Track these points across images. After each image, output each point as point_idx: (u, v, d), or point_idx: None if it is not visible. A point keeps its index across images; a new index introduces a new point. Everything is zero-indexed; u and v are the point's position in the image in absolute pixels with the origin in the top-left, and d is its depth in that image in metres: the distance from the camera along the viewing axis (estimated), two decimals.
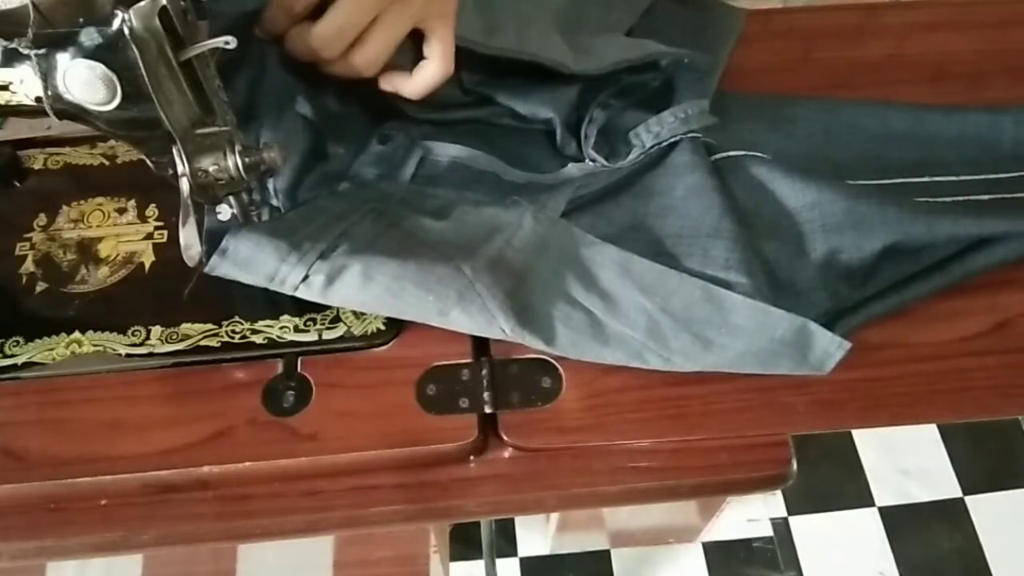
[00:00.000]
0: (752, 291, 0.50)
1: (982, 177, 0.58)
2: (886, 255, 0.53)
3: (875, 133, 0.61)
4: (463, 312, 0.48)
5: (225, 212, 0.50)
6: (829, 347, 0.49)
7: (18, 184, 0.59)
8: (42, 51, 0.40)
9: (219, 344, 0.51)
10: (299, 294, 0.49)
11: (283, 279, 0.48)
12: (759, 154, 0.57)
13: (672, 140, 0.57)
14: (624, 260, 0.52)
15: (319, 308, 0.52)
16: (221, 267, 0.49)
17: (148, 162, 0.47)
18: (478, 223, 0.53)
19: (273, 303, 0.52)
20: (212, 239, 0.51)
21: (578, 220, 0.55)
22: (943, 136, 0.61)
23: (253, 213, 0.51)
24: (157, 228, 0.56)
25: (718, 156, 0.58)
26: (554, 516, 1.02)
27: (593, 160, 0.58)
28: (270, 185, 0.54)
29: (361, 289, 0.48)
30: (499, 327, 0.48)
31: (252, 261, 0.48)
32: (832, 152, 0.61)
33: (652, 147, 0.57)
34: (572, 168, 0.58)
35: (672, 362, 0.49)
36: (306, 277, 0.48)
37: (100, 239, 0.56)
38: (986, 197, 0.58)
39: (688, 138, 0.57)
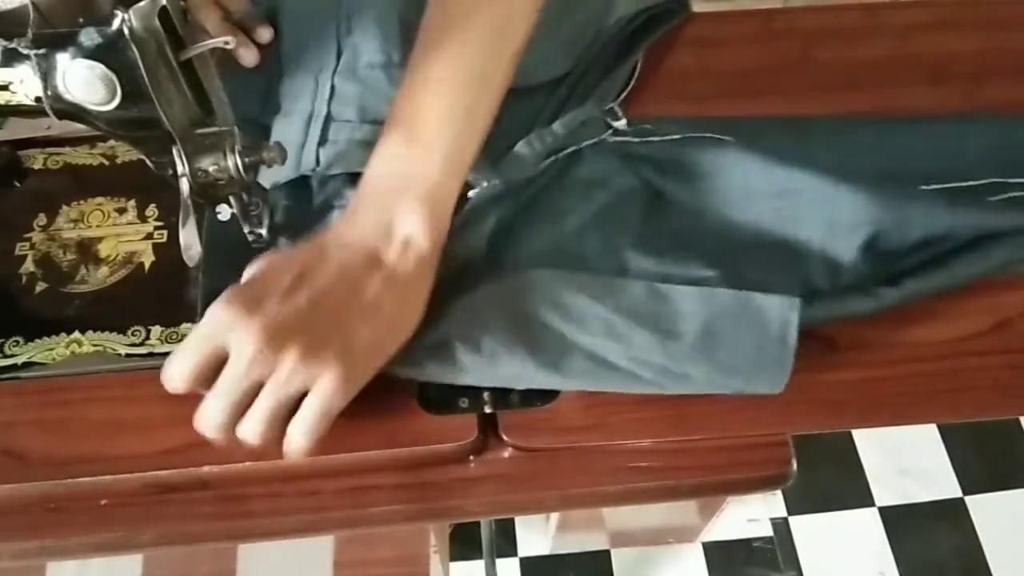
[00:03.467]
0: (699, 279, 0.50)
1: (951, 186, 0.58)
2: (861, 250, 0.52)
3: (843, 146, 0.60)
4: (437, 363, 0.48)
5: (225, 212, 0.51)
6: (782, 310, 0.47)
7: (18, 184, 0.59)
8: (42, 51, 0.40)
9: None
10: None
11: None
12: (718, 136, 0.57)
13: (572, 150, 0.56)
14: (566, 277, 0.50)
15: None
16: None
17: (148, 162, 0.47)
18: None
19: None
20: (212, 239, 0.51)
21: (502, 255, 0.53)
22: (910, 148, 0.59)
23: (253, 213, 0.51)
24: (157, 228, 0.56)
25: (666, 138, 0.57)
26: (554, 516, 1.02)
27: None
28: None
29: None
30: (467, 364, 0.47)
31: None
32: (801, 164, 0.57)
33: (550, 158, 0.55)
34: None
35: (642, 378, 0.47)
36: None
37: (100, 239, 0.56)
38: None
39: (589, 146, 0.56)
